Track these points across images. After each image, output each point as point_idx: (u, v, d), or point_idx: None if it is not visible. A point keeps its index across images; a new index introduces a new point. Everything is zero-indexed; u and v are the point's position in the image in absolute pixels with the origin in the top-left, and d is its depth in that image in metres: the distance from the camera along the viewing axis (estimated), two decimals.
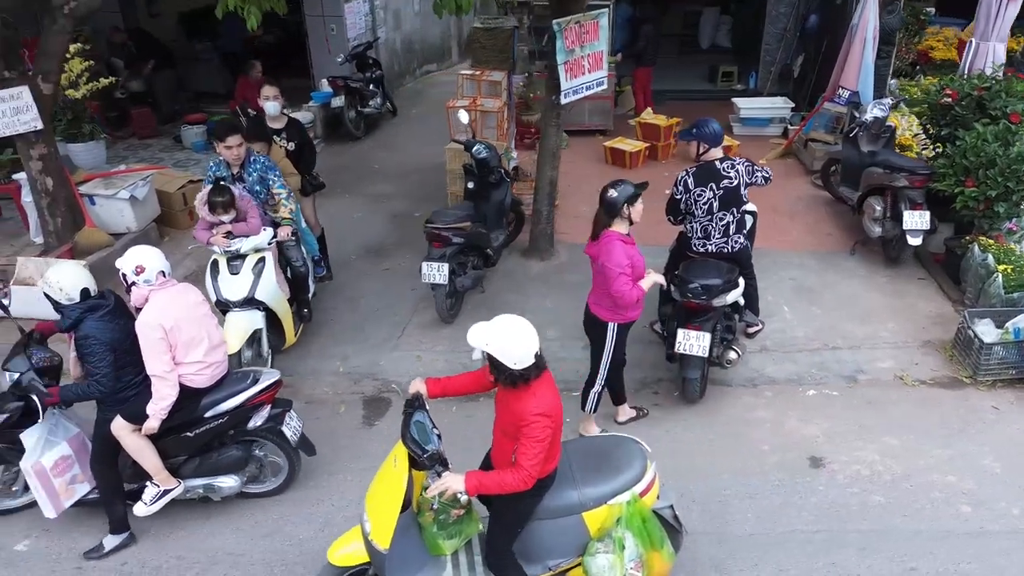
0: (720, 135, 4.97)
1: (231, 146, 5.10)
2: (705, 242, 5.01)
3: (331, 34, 11.15)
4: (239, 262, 5.06)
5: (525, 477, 3.01)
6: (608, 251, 4.26)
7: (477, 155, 6.23)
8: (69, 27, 6.15)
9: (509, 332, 3.10)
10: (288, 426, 4.20)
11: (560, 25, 5.60)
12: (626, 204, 4.31)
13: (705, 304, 4.66)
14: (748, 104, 10.01)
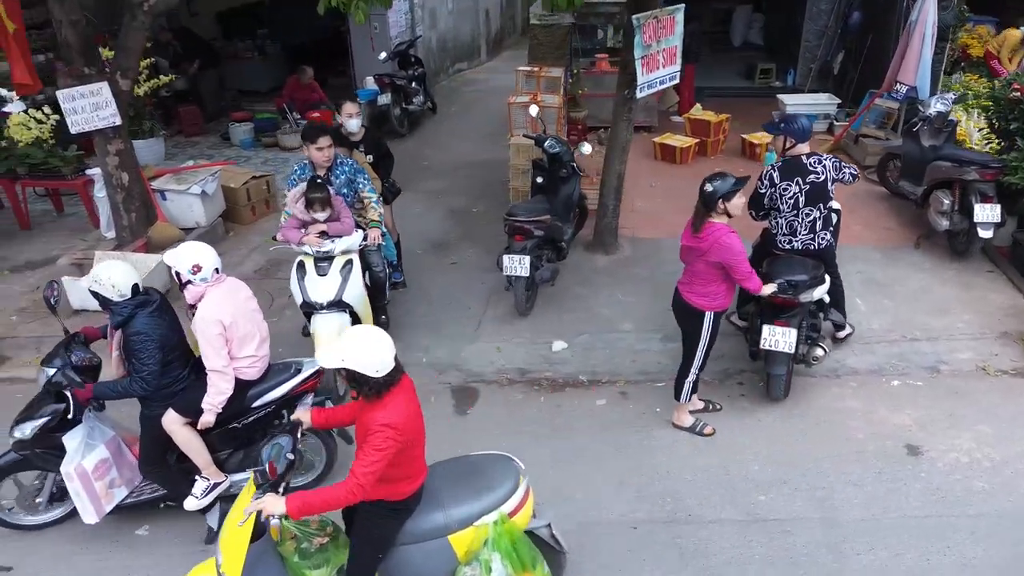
0: (808, 131, 4.96)
1: (322, 147, 5.02)
2: (791, 238, 5.00)
3: (375, 32, 11.22)
4: (327, 264, 4.97)
5: (353, 487, 2.84)
6: (722, 244, 4.28)
7: (550, 149, 6.29)
8: (147, 23, 6.25)
9: (363, 342, 2.95)
10: None
11: (639, 20, 5.66)
12: (721, 199, 4.34)
13: (791, 300, 4.64)
14: (794, 100, 10.04)
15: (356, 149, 5.88)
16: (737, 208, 4.34)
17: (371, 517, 3.09)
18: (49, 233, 7.69)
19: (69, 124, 6.23)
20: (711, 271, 4.39)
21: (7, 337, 5.92)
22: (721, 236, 4.33)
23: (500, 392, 5.29)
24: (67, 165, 7.46)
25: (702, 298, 4.49)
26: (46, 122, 7.28)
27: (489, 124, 11.70)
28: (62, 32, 5.93)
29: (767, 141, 9.10)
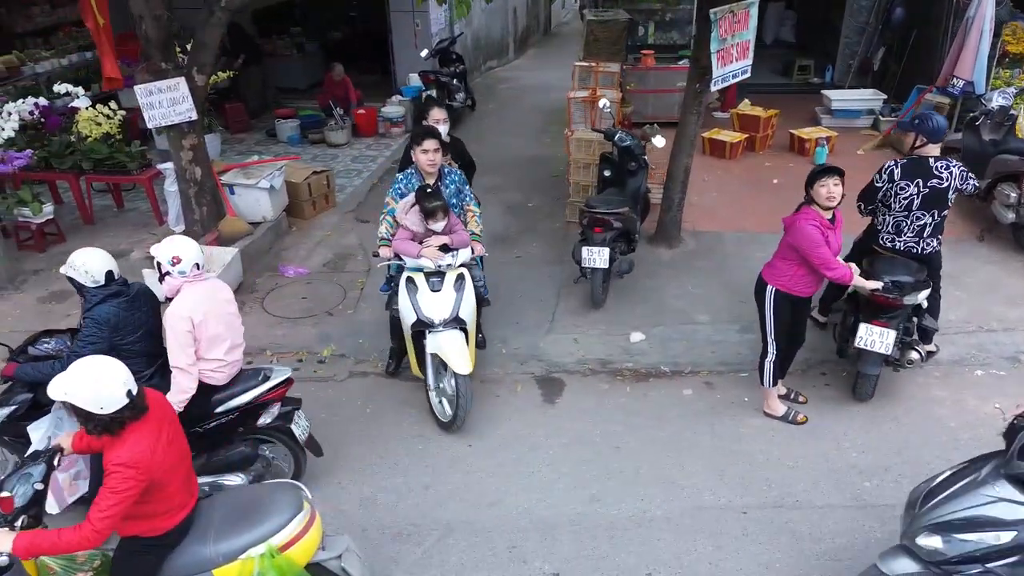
0: (942, 131, 4.73)
1: (427, 150, 4.67)
2: (895, 238, 4.90)
3: (417, 29, 11.30)
4: (438, 279, 4.63)
5: (89, 534, 2.66)
6: (797, 227, 4.40)
7: (620, 143, 6.36)
8: (225, 20, 6.31)
9: (87, 376, 2.72)
10: (297, 424, 4.12)
11: (716, 15, 5.71)
12: (807, 184, 4.44)
13: (895, 300, 4.56)
14: (840, 96, 10.10)
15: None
16: (819, 195, 4.35)
17: (127, 554, 2.95)
18: (112, 228, 7.77)
19: (146, 119, 6.30)
20: (786, 250, 4.53)
21: None
22: (799, 219, 4.42)
23: (584, 382, 5.35)
24: (133, 160, 7.54)
25: (769, 271, 4.63)
26: (113, 118, 7.36)
27: (529, 120, 11.79)
28: (142, 27, 6.01)
29: (816, 136, 9.16)
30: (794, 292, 4.57)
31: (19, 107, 7.21)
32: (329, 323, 6.07)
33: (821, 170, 4.39)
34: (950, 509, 3.04)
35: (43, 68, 9.82)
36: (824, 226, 4.39)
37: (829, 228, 4.41)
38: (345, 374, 5.50)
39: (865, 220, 5.27)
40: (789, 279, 4.54)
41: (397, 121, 10.54)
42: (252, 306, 6.31)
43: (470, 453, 4.63)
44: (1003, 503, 2.96)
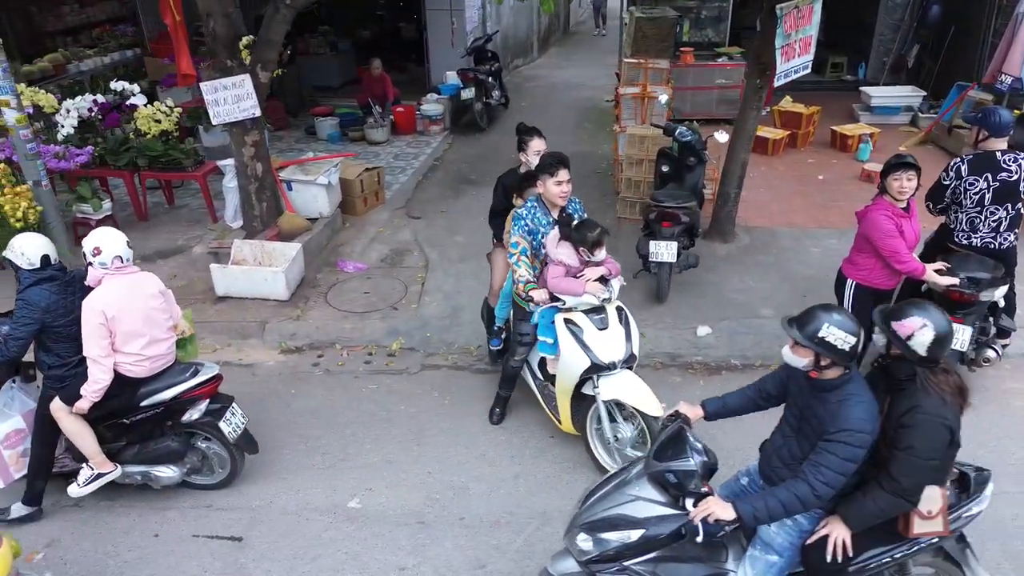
0: (1008, 126, 4.64)
1: (561, 181, 4.18)
2: (970, 235, 4.82)
3: (453, 27, 11.36)
4: (601, 315, 4.19)
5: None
6: (868, 217, 4.49)
7: (681, 138, 6.41)
8: (290, 17, 6.37)
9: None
10: (228, 421, 4.12)
11: (782, 10, 5.75)
12: (881, 175, 4.51)
13: (971, 297, 4.51)
14: (879, 92, 10.15)
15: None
16: (891, 187, 4.39)
17: None
18: (166, 224, 7.84)
19: (211, 115, 6.36)
20: (861, 242, 4.59)
21: None
22: (871, 209, 4.49)
23: (656, 375, 5.40)
24: (188, 157, 7.61)
25: (848, 265, 4.71)
26: (171, 115, 7.43)
27: (564, 117, 11.84)
28: (210, 25, 6.07)
29: (859, 133, 9.20)
30: (874, 284, 4.61)
31: (78, 104, 7.28)
32: (395, 317, 6.12)
33: (896, 163, 4.42)
34: (598, 509, 3.07)
35: (87, 66, 9.92)
36: (897, 215, 4.44)
37: (903, 217, 4.45)
38: (417, 367, 5.56)
39: (937, 220, 5.22)
40: (868, 272, 4.60)
41: (436, 119, 10.61)
42: (316, 300, 6.37)
43: (554, 444, 4.68)
44: (639, 501, 3.00)
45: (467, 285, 6.57)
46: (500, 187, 4.97)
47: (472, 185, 8.91)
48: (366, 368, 5.58)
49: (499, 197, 4.98)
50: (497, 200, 5.00)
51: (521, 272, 4.29)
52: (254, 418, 4.95)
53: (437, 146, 10.24)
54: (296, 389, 5.32)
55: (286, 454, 4.64)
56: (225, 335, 5.97)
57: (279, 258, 6.43)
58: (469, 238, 7.47)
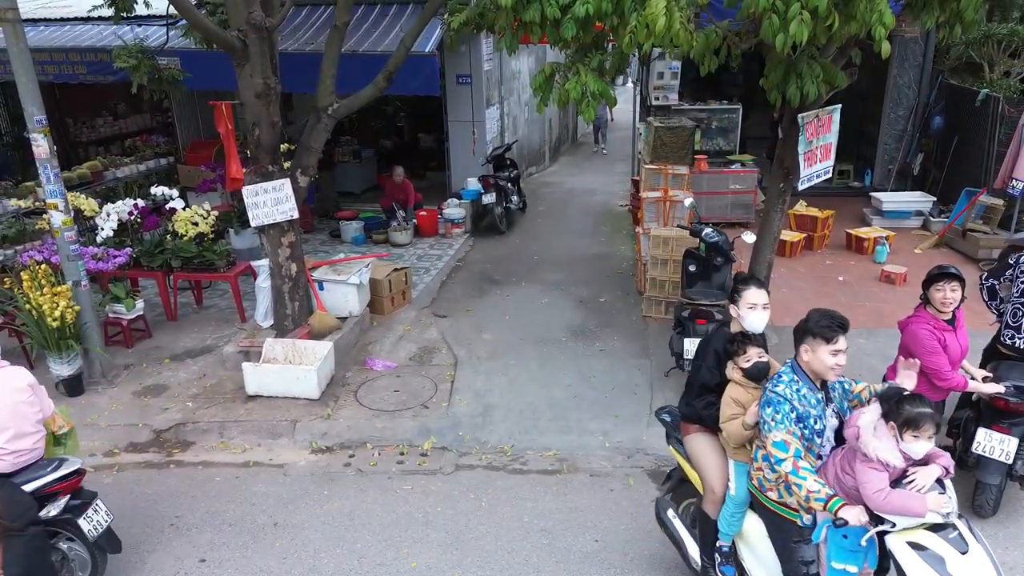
0: None
1: (839, 350, 3.22)
2: (1014, 334, 4.69)
3: (474, 137, 11.87)
4: (953, 532, 3.11)
5: None
6: (910, 330, 4.41)
7: (708, 239, 6.55)
8: (331, 126, 6.70)
9: None
10: (89, 519, 3.99)
11: (803, 119, 6.03)
12: (923, 285, 4.45)
13: (1017, 406, 4.34)
14: (890, 198, 10.44)
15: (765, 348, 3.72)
16: (935, 299, 4.31)
17: None
18: (195, 324, 7.90)
19: (251, 217, 6.55)
20: (904, 352, 4.47)
21: (188, 423, 5.99)
22: (912, 321, 4.42)
23: None
24: (220, 259, 7.77)
25: (892, 373, 4.45)
26: (208, 218, 7.65)
27: (581, 221, 12.15)
28: (256, 132, 6.36)
29: (874, 235, 9.41)
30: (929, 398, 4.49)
31: (118, 208, 7.51)
32: (426, 416, 6.05)
33: (939, 273, 4.33)
34: None
35: (123, 173, 10.30)
36: (940, 328, 4.32)
37: (947, 330, 4.33)
38: (451, 468, 5.43)
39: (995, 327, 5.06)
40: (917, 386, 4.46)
41: (458, 222, 10.89)
42: (346, 399, 6.32)
43: (600, 549, 4.50)
44: None
45: (497, 383, 6.54)
46: (711, 354, 3.72)
47: (496, 285, 9.03)
48: (399, 468, 5.45)
49: (709, 368, 3.72)
50: (706, 372, 3.73)
51: (810, 486, 3.07)
52: (285, 520, 4.83)
53: (459, 248, 10.46)
54: (329, 490, 5.19)
55: (323, 559, 4.46)
56: (255, 435, 5.88)
57: (310, 357, 6.44)
58: (496, 336, 7.50)
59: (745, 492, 3.59)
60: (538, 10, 4.49)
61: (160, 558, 4.49)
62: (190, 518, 4.87)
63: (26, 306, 6.12)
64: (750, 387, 3.54)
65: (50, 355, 6.18)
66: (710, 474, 3.72)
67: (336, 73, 6.64)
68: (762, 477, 3.42)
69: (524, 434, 5.80)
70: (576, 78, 4.69)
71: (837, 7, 3.80)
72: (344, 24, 6.53)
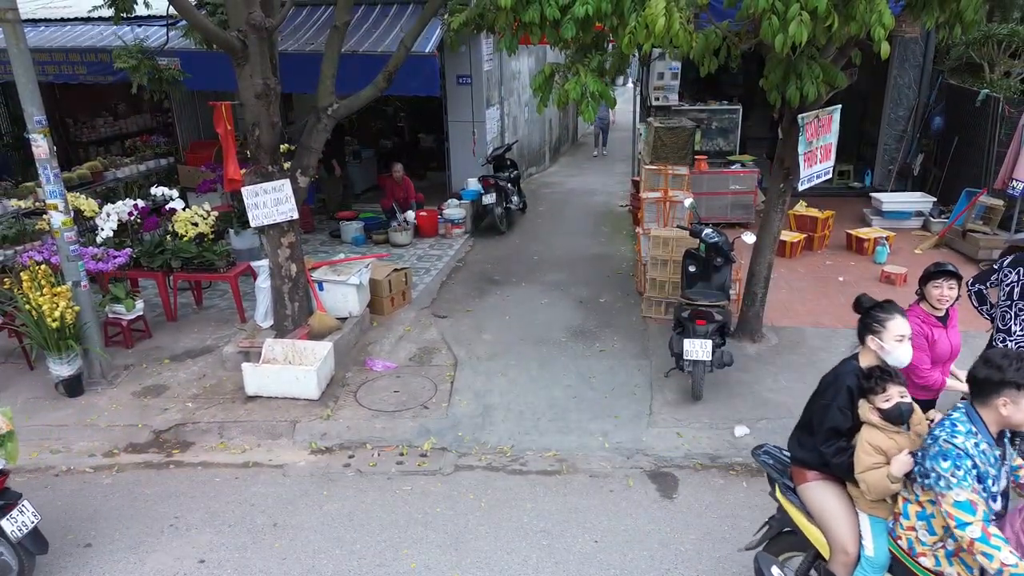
0: None
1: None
2: (1005, 337, 4.64)
3: (474, 138, 11.87)
4: None
5: None
6: None
7: (708, 239, 6.54)
8: (330, 126, 6.69)
9: None
10: (12, 520, 3.97)
11: (803, 119, 6.04)
12: (920, 281, 4.39)
13: None
14: (890, 198, 10.44)
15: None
16: (931, 295, 4.26)
17: None
18: (195, 324, 7.90)
19: (250, 217, 6.55)
20: None
21: (188, 423, 5.99)
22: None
23: (697, 477, 5.26)
24: (220, 259, 7.76)
25: None
26: (208, 218, 7.65)
27: (580, 221, 12.14)
28: (256, 133, 6.36)
29: (874, 236, 9.40)
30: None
31: (118, 208, 7.51)
32: (425, 416, 6.05)
33: (936, 271, 4.29)
34: None
35: (123, 173, 10.31)
36: (930, 323, 4.26)
37: (938, 327, 4.27)
38: (451, 468, 5.43)
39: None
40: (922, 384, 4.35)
41: (458, 222, 10.89)
42: (346, 399, 6.31)
43: (599, 550, 4.50)
44: None
45: (497, 384, 6.53)
46: (843, 392, 3.27)
47: (496, 285, 9.02)
48: (399, 469, 5.45)
49: (842, 409, 3.27)
50: (838, 413, 3.27)
51: (1005, 558, 2.67)
52: (284, 521, 4.83)
53: (459, 248, 10.46)
54: (328, 491, 5.18)
55: (322, 559, 4.46)
56: (254, 435, 5.88)
57: (310, 357, 6.44)
58: (496, 336, 7.50)
59: (886, 554, 3.15)
60: (537, 11, 4.49)
61: (159, 559, 4.49)
62: (189, 519, 4.87)
63: (26, 306, 6.12)
64: (891, 431, 3.12)
65: (50, 355, 6.17)
66: (841, 531, 3.25)
67: (336, 73, 6.64)
68: (913, 538, 3.03)
69: (524, 435, 5.79)
70: (576, 79, 4.68)
71: (836, 8, 3.80)
72: (344, 24, 6.53)
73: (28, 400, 6.34)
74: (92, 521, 4.87)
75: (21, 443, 5.79)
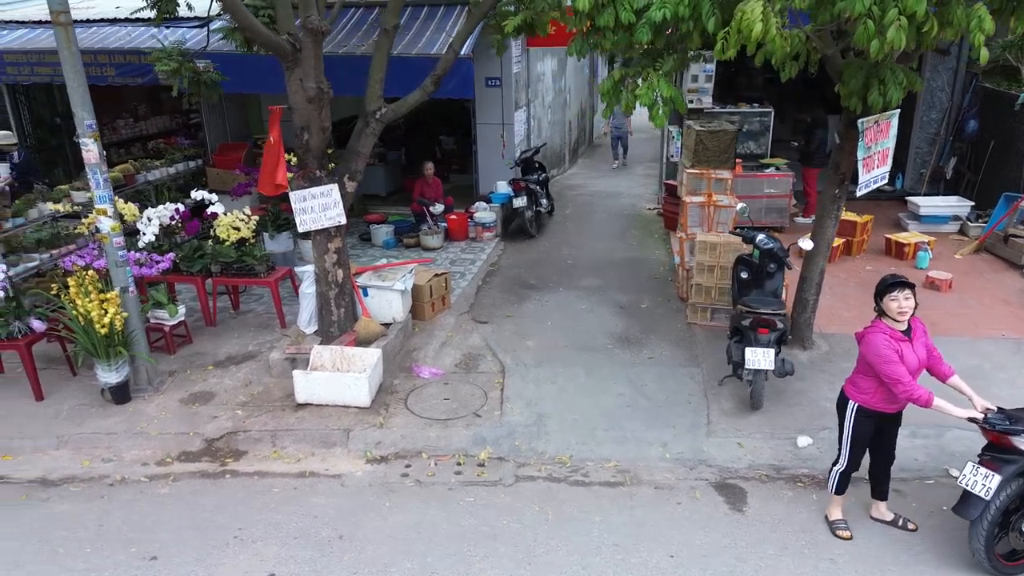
0: None
1: None
2: None
3: (503, 140, 11.77)
4: None
5: None
6: (866, 339, 4.31)
7: (763, 245, 6.45)
8: (379, 131, 6.61)
9: None
10: None
11: (863, 124, 5.94)
12: (876, 296, 4.32)
13: (1005, 440, 4.08)
14: (928, 202, 10.34)
15: None
16: (890, 309, 4.18)
17: None
18: (235, 329, 7.82)
19: (298, 223, 6.49)
20: (863, 365, 4.39)
21: (239, 431, 5.91)
22: (868, 332, 4.31)
23: (764, 489, 5.17)
24: (260, 264, 7.68)
25: (850, 385, 4.51)
26: (249, 222, 7.57)
27: (610, 224, 12.05)
28: (305, 137, 6.28)
29: (914, 241, 9.30)
30: (876, 408, 4.37)
31: (159, 212, 7.43)
32: (479, 425, 5.96)
33: (892, 282, 4.21)
34: None
35: (153, 176, 10.23)
36: (896, 338, 4.18)
37: (903, 340, 4.20)
38: (512, 479, 5.35)
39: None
40: (871, 396, 4.35)
41: (490, 226, 10.81)
42: (396, 407, 6.23)
43: (676, 565, 4.41)
44: None
45: (547, 391, 6.45)
46: None
47: (533, 290, 8.93)
48: (458, 479, 5.37)
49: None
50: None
51: None
52: (350, 533, 4.75)
53: (491, 252, 10.38)
54: (390, 501, 5.10)
55: (393, 573, 4.37)
56: (308, 444, 5.80)
57: (358, 364, 6.36)
58: (540, 342, 7.41)
59: None
60: (612, 15, 4.41)
61: (228, 572, 4.41)
62: (252, 531, 4.79)
63: (73, 312, 6.04)
64: None
65: (99, 362, 6.09)
66: None
67: (384, 77, 6.56)
68: None
69: (581, 444, 5.71)
70: (647, 84, 4.59)
71: (933, 13, 3.71)
72: (393, 28, 6.45)
73: (75, 407, 6.27)
74: (153, 532, 4.79)
75: (72, 451, 5.78)
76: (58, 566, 4.50)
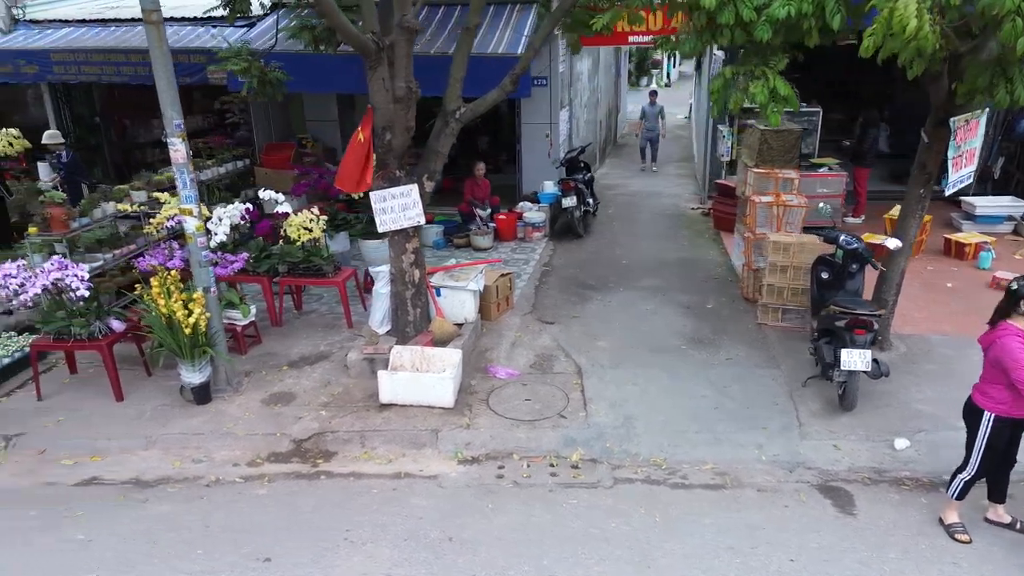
0: None
1: None
2: None
3: (549, 139, 11.73)
4: None
5: None
6: (1003, 346, 4.19)
7: (847, 246, 6.40)
8: (457, 130, 6.57)
9: None
10: None
11: (955, 123, 5.90)
12: (1012, 298, 4.23)
13: None
14: (983, 202, 10.28)
15: None
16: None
17: None
18: (300, 330, 7.78)
19: (378, 223, 6.45)
20: (993, 370, 4.30)
21: (327, 432, 5.87)
22: (1003, 335, 4.22)
23: (870, 492, 5.11)
24: (328, 264, 7.65)
25: (981, 395, 4.42)
26: (318, 223, 7.54)
27: (656, 224, 12.01)
28: (387, 137, 6.23)
29: (974, 241, 9.24)
30: (1015, 415, 4.31)
31: (229, 212, 7.40)
32: (566, 426, 5.91)
33: None
34: None
35: (205, 176, 10.20)
36: None
37: None
38: (610, 481, 5.30)
39: None
40: (1008, 405, 4.28)
41: (539, 226, 10.76)
42: (479, 408, 6.19)
43: (798, 569, 4.36)
44: None
45: (629, 393, 6.40)
46: None
47: (592, 290, 8.89)
48: (555, 481, 5.32)
49: None
50: None
51: None
52: (457, 534, 4.71)
53: (542, 252, 10.34)
54: (492, 503, 5.05)
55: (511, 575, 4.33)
56: (397, 444, 5.76)
57: (438, 364, 6.32)
58: (611, 343, 7.36)
59: None
60: (733, 12, 4.36)
61: (345, 574, 4.36)
62: (361, 532, 4.74)
63: (155, 312, 6.01)
64: None
65: (183, 363, 6.06)
66: None
67: (464, 76, 6.52)
68: None
69: (674, 446, 5.66)
70: (762, 81, 4.54)
71: None
72: (475, 26, 6.41)
73: (158, 407, 6.24)
74: (260, 534, 4.75)
75: (161, 451, 5.75)
76: (169, 567, 4.46)
